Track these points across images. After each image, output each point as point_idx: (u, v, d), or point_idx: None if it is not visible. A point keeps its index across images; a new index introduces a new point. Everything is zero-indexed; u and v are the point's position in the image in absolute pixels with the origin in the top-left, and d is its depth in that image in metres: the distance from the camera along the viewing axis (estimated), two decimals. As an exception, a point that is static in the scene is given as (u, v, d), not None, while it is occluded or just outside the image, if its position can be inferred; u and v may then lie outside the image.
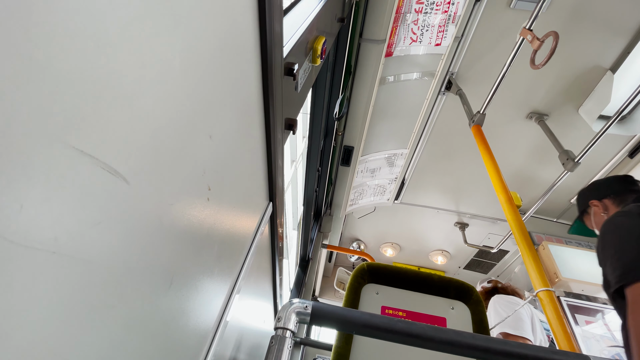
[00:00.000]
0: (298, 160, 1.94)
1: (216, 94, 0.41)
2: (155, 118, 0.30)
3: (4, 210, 0.18)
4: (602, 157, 2.36)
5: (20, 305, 0.20)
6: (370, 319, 0.63)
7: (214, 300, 0.57)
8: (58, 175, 0.21)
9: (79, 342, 0.25)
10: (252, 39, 0.49)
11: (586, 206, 1.30)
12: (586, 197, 1.30)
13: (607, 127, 1.62)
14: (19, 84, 0.18)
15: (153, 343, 0.38)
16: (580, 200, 1.34)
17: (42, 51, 0.19)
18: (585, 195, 1.31)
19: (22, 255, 0.19)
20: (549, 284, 1.15)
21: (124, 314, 0.31)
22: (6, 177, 0.18)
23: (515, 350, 0.61)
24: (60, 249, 0.22)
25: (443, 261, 3.79)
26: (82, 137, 0.22)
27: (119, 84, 0.25)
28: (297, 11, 0.82)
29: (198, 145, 0.39)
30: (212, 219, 0.48)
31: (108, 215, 0.26)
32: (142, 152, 0.29)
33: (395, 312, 1.05)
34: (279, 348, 0.61)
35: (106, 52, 0.23)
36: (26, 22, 0.17)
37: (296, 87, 0.77)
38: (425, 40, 1.84)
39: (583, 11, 1.74)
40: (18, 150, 0.18)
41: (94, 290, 0.26)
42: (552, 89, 2.08)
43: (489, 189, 1.74)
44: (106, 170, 0.25)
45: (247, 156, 0.58)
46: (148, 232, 0.32)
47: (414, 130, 2.39)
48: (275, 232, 0.94)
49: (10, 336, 0.20)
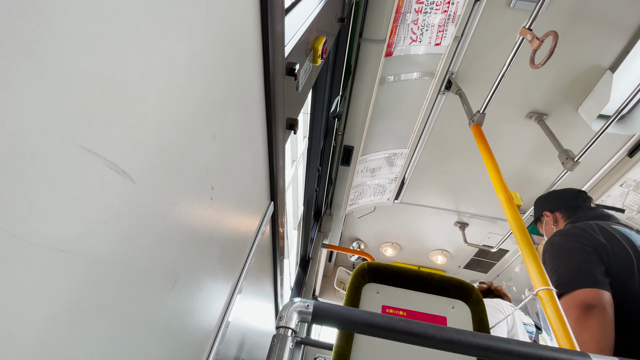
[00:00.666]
0: (299, 160, 1.94)
1: (219, 94, 0.42)
2: (161, 118, 0.30)
3: (14, 209, 0.18)
4: (601, 157, 2.37)
5: (29, 302, 0.20)
6: (371, 318, 0.63)
7: (216, 300, 0.57)
8: (67, 174, 0.21)
9: (85, 339, 0.26)
10: (255, 39, 0.49)
11: (540, 214, 1.44)
12: (541, 207, 1.45)
13: (606, 127, 1.62)
14: (29, 85, 0.18)
15: (157, 341, 0.38)
16: (536, 207, 1.49)
17: (52, 52, 0.19)
18: (541, 205, 1.46)
19: (32, 253, 0.20)
20: (549, 283, 1.15)
21: (129, 312, 0.31)
22: (17, 176, 0.18)
23: (515, 348, 0.61)
24: (69, 247, 0.22)
25: (443, 261, 3.79)
26: (91, 137, 0.22)
27: (126, 85, 0.25)
28: (298, 11, 0.82)
29: (202, 145, 0.39)
30: (215, 218, 0.48)
31: (114, 214, 0.26)
32: (148, 151, 0.29)
33: (395, 311, 1.06)
34: (280, 347, 0.61)
35: (113, 54, 0.23)
36: (37, 24, 0.18)
37: (297, 87, 0.77)
38: (425, 40, 1.85)
39: (582, 10, 1.74)
40: (28, 150, 0.18)
41: (101, 288, 0.26)
42: (552, 89, 2.09)
43: (489, 188, 1.74)
44: (113, 169, 0.25)
45: (249, 156, 0.58)
46: (153, 231, 0.32)
47: (414, 129, 2.39)
48: (276, 232, 0.94)
49: (19, 333, 0.20)
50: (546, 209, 1.42)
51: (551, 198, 1.44)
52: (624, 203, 2.48)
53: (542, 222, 1.46)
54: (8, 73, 0.17)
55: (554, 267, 1.09)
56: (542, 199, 1.49)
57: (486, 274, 3.80)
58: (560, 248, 1.11)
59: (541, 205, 1.47)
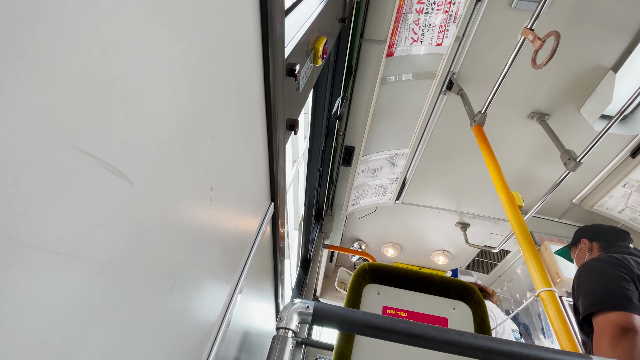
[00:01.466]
0: (299, 160, 1.94)
1: (219, 95, 0.42)
2: (159, 119, 0.30)
3: (10, 211, 0.18)
4: (604, 157, 2.36)
5: (26, 305, 0.20)
6: (372, 319, 0.63)
7: (216, 301, 0.57)
8: (63, 176, 0.21)
9: (83, 341, 0.26)
10: (254, 40, 0.49)
11: (578, 241, 1.50)
12: (581, 234, 1.50)
13: (609, 127, 1.62)
14: (25, 86, 0.18)
15: (156, 343, 0.38)
16: (577, 234, 1.54)
17: (50, 54, 0.19)
18: (582, 232, 1.51)
19: (28, 256, 0.20)
20: (551, 284, 1.15)
21: (127, 314, 0.31)
22: (12, 178, 0.18)
23: (517, 350, 0.61)
24: (66, 249, 0.22)
25: (444, 261, 3.78)
26: (87, 139, 0.22)
27: (123, 86, 0.25)
28: (299, 12, 0.82)
29: (201, 146, 0.39)
30: (215, 219, 0.48)
31: (112, 216, 0.26)
32: (146, 153, 0.29)
33: (396, 312, 1.05)
34: (280, 348, 0.61)
35: (111, 55, 0.23)
36: (33, 26, 0.18)
37: (297, 88, 0.77)
38: (426, 40, 1.84)
39: (584, 10, 1.73)
40: (24, 152, 0.18)
41: (98, 291, 0.26)
42: (554, 89, 2.08)
43: (491, 189, 1.73)
44: (111, 171, 0.25)
45: (249, 157, 0.58)
46: (151, 232, 0.32)
47: (415, 130, 2.39)
48: (276, 232, 0.94)
49: (16, 335, 0.20)
50: (586, 237, 1.47)
51: (594, 229, 1.48)
52: (627, 204, 2.47)
53: (576, 247, 1.50)
54: (5, 74, 0.17)
55: (590, 287, 1.13)
56: (585, 229, 1.53)
57: (488, 274, 3.78)
58: (598, 271, 1.16)
59: (582, 232, 1.51)
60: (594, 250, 1.41)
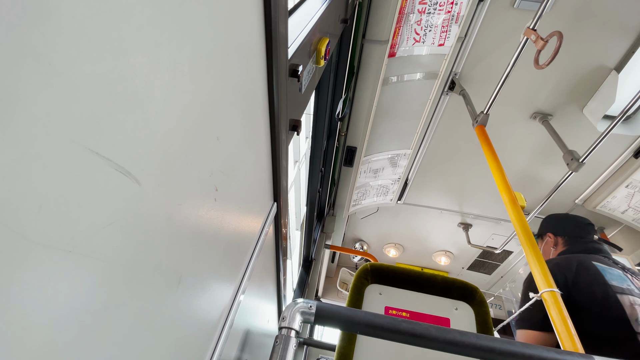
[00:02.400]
0: (301, 160, 1.94)
1: (224, 96, 0.42)
2: (166, 120, 0.31)
3: (24, 210, 0.19)
4: (607, 157, 2.35)
5: (38, 302, 0.21)
6: (374, 319, 0.63)
7: (220, 300, 0.57)
8: (74, 176, 0.21)
9: (91, 339, 0.26)
10: (258, 41, 0.50)
11: (544, 233, 1.49)
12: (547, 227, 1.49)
13: (611, 127, 1.61)
14: (38, 89, 0.18)
15: (161, 341, 0.39)
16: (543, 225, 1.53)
17: (60, 56, 0.19)
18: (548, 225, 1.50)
19: (41, 254, 0.20)
20: (553, 285, 1.14)
21: (134, 313, 0.31)
22: (26, 178, 0.18)
23: (519, 350, 0.61)
24: (76, 248, 0.22)
25: (446, 262, 3.78)
26: (97, 140, 0.23)
27: (131, 88, 0.25)
28: (301, 12, 0.82)
29: (206, 147, 0.40)
30: (219, 219, 0.49)
31: (120, 216, 0.26)
32: (153, 153, 0.30)
33: (398, 313, 1.05)
34: (283, 347, 0.61)
35: (120, 58, 0.24)
36: (45, 28, 0.18)
37: (300, 89, 0.77)
38: (428, 41, 1.84)
39: (587, 10, 1.73)
40: (37, 153, 0.19)
41: (106, 289, 0.27)
42: (556, 89, 2.07)
43: (493, 189, 1.73)
44: (119, 171, 0.25)
45: (252, 157, 0.59)
46: (158, 232, 0.33)
47: (417, 130, 2.39)
48: (279, 233, 0.94)
49: (27, 332, 0.20)
50: (551, 231, 1.46)
51: (560, 222, 1.47)
52: (630, 204, 2.46)
53: (542, 241, 1.50)
54: (17, 77, 0.17)
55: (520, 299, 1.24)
56: (550, 220, 1.52)
57: (490, 275, 3.78)
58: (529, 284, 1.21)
59: (548, 225, 1.50)
60: (559, 245, 1.42)
